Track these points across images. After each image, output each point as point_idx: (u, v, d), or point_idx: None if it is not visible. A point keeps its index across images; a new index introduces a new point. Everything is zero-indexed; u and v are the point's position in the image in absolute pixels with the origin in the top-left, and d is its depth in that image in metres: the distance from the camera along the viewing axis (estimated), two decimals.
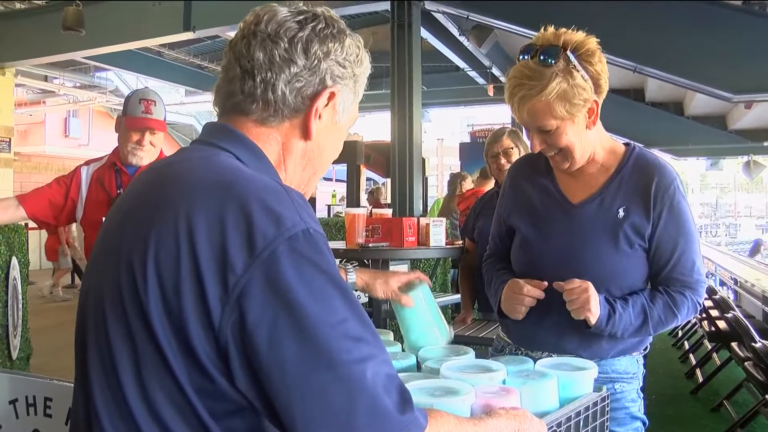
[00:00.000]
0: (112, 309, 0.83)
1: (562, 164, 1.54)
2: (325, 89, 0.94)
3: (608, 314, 1.45)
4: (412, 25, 6.25)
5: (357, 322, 0.79)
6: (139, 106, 2.47)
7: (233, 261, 0.76)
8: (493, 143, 3.00)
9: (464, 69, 9.95)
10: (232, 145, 0.92)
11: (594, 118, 1.49)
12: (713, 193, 52.12)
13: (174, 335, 0.78)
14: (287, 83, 0.92)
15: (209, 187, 0.82)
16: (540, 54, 1.42)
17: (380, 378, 0.77)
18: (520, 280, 1.52)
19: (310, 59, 0.92)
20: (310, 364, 0.75)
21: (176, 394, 0.78)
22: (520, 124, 1.54)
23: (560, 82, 1.40)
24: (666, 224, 1.49)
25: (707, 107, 11.00)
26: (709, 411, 4.62)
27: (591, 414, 1.22)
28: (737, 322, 4.63)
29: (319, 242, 0.80)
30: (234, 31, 1.10)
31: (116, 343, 0.82)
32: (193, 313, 0.77)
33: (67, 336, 4.81)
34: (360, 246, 2.91)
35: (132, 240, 0.83)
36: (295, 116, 0.94)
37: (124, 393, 0.80)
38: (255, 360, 0.75)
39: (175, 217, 0.80)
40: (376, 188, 10.66)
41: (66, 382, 1.76)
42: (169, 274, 0.78)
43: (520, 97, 1.43)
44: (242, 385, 0.78)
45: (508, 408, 1.01)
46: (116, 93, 13.98)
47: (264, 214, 0.78)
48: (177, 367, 0.78)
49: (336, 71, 0.95)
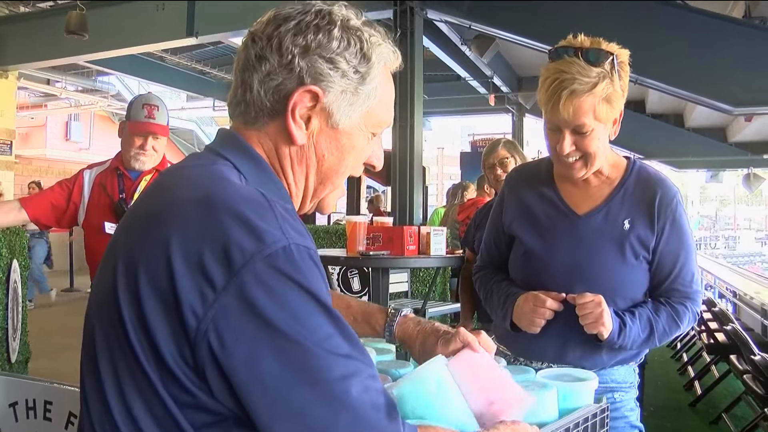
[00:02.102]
0: (98, 315, 0.83)
1: (579, 171, 1.51)
2: (300, 87, 0.86)
3: (619, 327, 1.45)
4: (414, 33, 6.27)
5: (341, 338, 0.77)
6: (143, 110, 2.48)
7: (210, 277, 0.74)
8: (489, 154, 3.03)
9: (465, 78, 9.97)
10: (232, 153, 0.89)
11: (616, 128, 1.50)
12: (713, 205, 52.18)
13: (149, 347, 0.76)
14: (261, 82, 0.87)
15: (191, 200, 0.80)
16: (589, 52, 1.41)
17: (367, 393, 0.76)
18: (540, 294, 1.49)
19: (284, 56, 0.86)
20: (290, 384, 0.73)
21: (155, 404, 0.77)
22: (552, 121, 1.47)
23: (608, 84, 1.41)
24: (669, 237, 1.52)
25: (707, 119, 11.03)
26: (707, 424, 4.61)
27: (590, 425, 1.21)
28: (736, 335, 4.63)
29: (300, 259, 0.76)
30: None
31: (100, 350, 0.81)
32: (167, 327, 0.75)
33: (65, 339, 4.80)
34: (361, 254, 2.92)
35: (124, 247, 0.82)
36: (276, 118, 0.88)
37: (107, 400, 0.79)
38: (234, 378, 0.74)
39: (157, 228, 0.79)
40: (376, 196, 10.68)
41: (66, 386, 1.76)
42: (145, 284, 0.76)
43: (571, 90, 1.40)
44: (222, 398, 0.76)
45: (508, 422, 0.99)
46: (118, 97, 14.01)
47: (241, 230, 0.75)
48: (154, 377, 0.76)
49: (318, 68, 0.86)
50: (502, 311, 1.59)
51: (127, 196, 2.50)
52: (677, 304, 1.53)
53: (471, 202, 6.01)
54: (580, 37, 1.46)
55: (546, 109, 1.47)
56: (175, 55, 10.38)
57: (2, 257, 3.37)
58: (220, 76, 11.70)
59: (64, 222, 2.56)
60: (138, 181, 2.53)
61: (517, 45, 7.38)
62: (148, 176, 2.54)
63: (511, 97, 11.09)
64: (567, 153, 1.47)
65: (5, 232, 3.42)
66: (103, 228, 2.47)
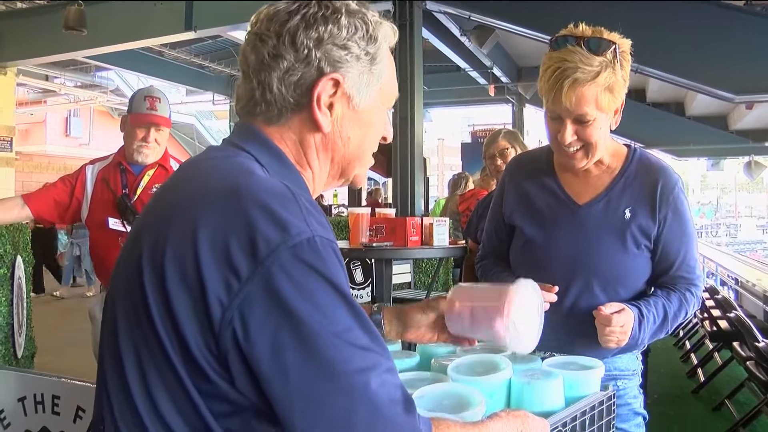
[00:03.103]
0: (122, 307, 0.84)
1: (580, 162, 1.51)
2: (323, 77, 0.88)
3: (639, 320, 1.45)
4: (413, 25, 6.25)
5: (361, 330, 0.78)
6: (144, 103, 2.49)
7: (236, 267, 0.75)
8: (490, 144, 3.03)
9: (465, 69, 9.95)
10: (254, 147, 0.91)
11: (617, 118, 1.50)
12: (714, 193, 52.12)
13: (175, 336, 0.78)
14: (281, 80, 0.88)
15: (216, 192, 0.81)
16: (590, 41, 1.40)
17: (385, 387, 0.77)
18: None
19: (300, 50, 0.87)
20: (311, 375, 0.74)
21: (178, 393, 0.78)
22: (554, 111, 1.46)
23: (610, 73, 1.41)
24: (671, 225, 1.52)
25: (708, 108, 11.00)
26: (710, 410, 4.63)
27: (597, 413, 1.22)
28: (739, 322, 4.63)
29: (325, 250, 0.78)
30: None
31: (123, 341, 0.82)
32: (193, 316, 0.76)
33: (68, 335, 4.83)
34: (364, 245, 2.92)
35: (147, 238, 0.83)
36: (300, 111, 0.90)
37: (130, 391, 0.81)
38: (256, 368, 0.75)
39: (184, 220, 0.80)
40: (376, 189, 10.69)
41: (73, 380, 1.77)
42: (172, 275, 0.78)
43: (574, 79, 1.39)
44: (243, 388, 0.78)
45: (509, 410, 1.01)
46: (117, 92, 14.01)
47: (268, 221, 0.77)
48: (179, 366, 0.78)
49: (335, 55, 0.89)
50: None
51: (130, 191, 2.50)
52: (685, 290, 1.53)
53: (471, 193, 6.02)
54: (581, 27, 1.44)
55: (547, 99, 1.46)
56: (173, 49, 10.36)
57: (6, 253, 3.38)
58: (219, 69, 11.69)
59: (66, 218, 2.56)
60: (141, 175, 2.53)
61: (516, 35, 7.36)
62: (151, 171, 2.54)
63: (511, 88, 11.07)
64: (568, 143, 1.46)
65: (8, 229, 3.43)
66: (107, 223, 2.47)
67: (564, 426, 1.12)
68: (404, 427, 0.78)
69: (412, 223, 3.02)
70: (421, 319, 1.23)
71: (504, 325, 1.13)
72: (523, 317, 1.16)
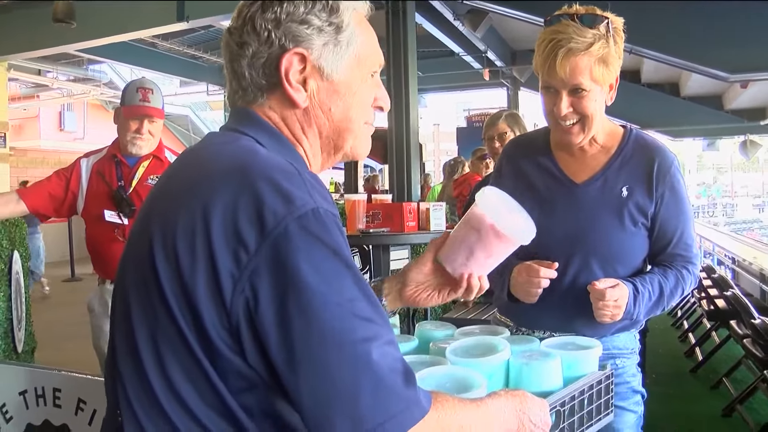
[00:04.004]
0: (134, 287, 0.86)
1: (577, 136, 1.52)
2: (285, 53, 0.91)
3: (633, 295, 1.47)
4: (406, 10, 6.20)
5: (365, 302, 0.80)
6: (137, 94, 2.48)
7: (245, 240, 0.78)
8: (490, 126, 3.03)
9: (459, 54, 9.91)
10: (251, 130, 0.93)
11: (612, 94, 1.52)
12: (710, 173, 52.20)
13: (188, 312, 0.80)
14: (250, 66, 0.93)
15: (225, 171, 0.84)
16: (583, 17, 1.44)
17: (385, 358, 0.78)
18: (533, 264, 1.50)
19: (261, 33, 0.91)
20: (316, 343, 0.76)
21: (192, 369, 0.80)
22: (549, 84, 1.49)
23: (603, 45, 1.43)
24: (668, 204, 1.53)
25: (703, 87, 10.97)
26: (709, 388, 4.67)
27: (595, 392, 1.23)
28: (736, 300, 4.66)
29: (329, 222, 0.81)
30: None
31: (137, 326, 0.84)
32: (206, 291, 0.79)
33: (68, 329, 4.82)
34: (361, 232, 2.92)
35: (156, 222, 0.85)
36: (274, 90, 0.94)
37: (146, 373, 0.83)
38: (264, 337, 0.77)
39: (194, 200, 0.82)
40: (373, 176, 10.67)
41: (74, 373, 1.78)
42: (185, 253, 0.80)
43: (567, 49, 1.42)
44: (253, 362, 0.80)
45: (507, 389, 1.02)
46: (110, 85, 13.92)
47: (274, 194, 0.79)
48: (194, 344, 0.80)
49: (295, 31, 0.91)
50: (501, 282, 1.60)
51: (125, 184, 2.50)
52: (682, 268, 1.55)
53: (463, 178, 6.01)
54: (575, 6, 1.47)
55: (542, 72, 1.49)
56: (166, 40, 10.30)
57: (3, 249, 3.37)
58: (213, 60, 11.63)
59: (63, 211, 2.56)
60: (136, 167, 2.53)
61: (510, 18, 7.34)
62: (146, 162, 2.54)
63: (506, 71, 11.02)
64: (564, 114, 1.48)
65: (5, 224, 3.42)
66: (103, 216, 2.47)
67: (563, 405, 1.13)
68: (406, 397, 0.79)
69: (408, 209, 3.03)
70: (418, 271, 1.25)
71: (489, 221, 1.12)
72: (502, 204, 1.19)
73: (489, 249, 1.16)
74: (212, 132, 1.01)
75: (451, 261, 1.20)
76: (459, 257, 1.18)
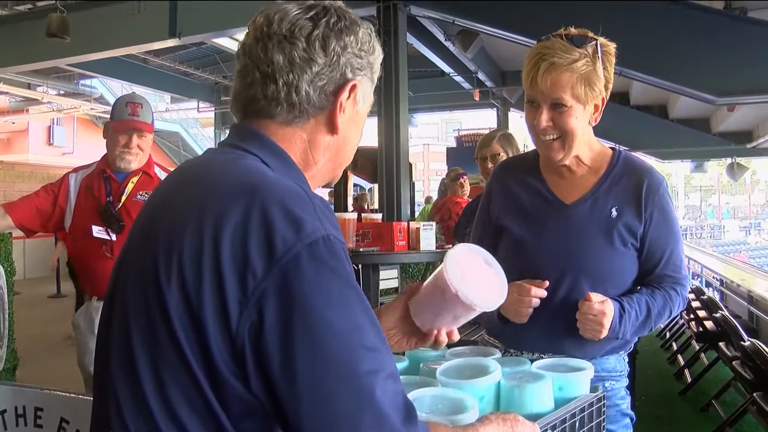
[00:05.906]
0: (134, 308, 0.84)
1: (558, 153, 1.52)
2: (347, 83, 0.95)
3: (620, 314, 1.46)
4: (398, 30, 6.25)
5: (372, 331, 0.80)
6: (126, 109, 2.47)
7: (254, 265, 0.77)
8: (483, 147, 3.04)
9: (450, 74, 9.98)
10: (258, 149, 0.92)
11: (597, 116, 1.53)
12: (698, 195, 52.67)
13: (193, 336, 0.78)
14: (310, 83, 0.92)
15: (234, 190, 0.83)
16: (574, 37, 1.46)
17: (388, 393, 0.78)
18: (524, 283, 1.49)
19: (330, 56, 0.92)
20: (321, 371, 0.75)
21: (193, 394, 0.79)
22: (531, 97, 1.50)
23: (587, 63, 1.45)
24: (657, 225, 1.54)
25: (691, 110, 11.11)
26: (698, 411, 4.66)
27: (587, 415, 1.22)
28: (725, 322, 4.67)
29: (339, 249, 0.81)
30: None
31: (136, 341, 0.82)
32: (213, 314, 0.77)
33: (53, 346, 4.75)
34: (351, 251, 2.91)
35: (161, 243, 0.83)
36: (320, 113, 0.95)
37: (145, 396, 0.81)
38: (268, 361, 0.76)
39: (200, 219, 0.81)
40: (361, 195, 10.65)
41: (56, 391, 1.73)
42: (191, 275, 0.79)
43: (550, 62, 1.44)
44: (255, 388, 0.78)
45: (498, 413, 1.01)
46: (101, 101, 13.88)
47: (285, 219, 0.79)
48: (196, 366, 0.78)
49: (354, 63, 0.95)
50: None
51: (114, 199, 2.47)
52: (670, 289, 1.55)
53: (442, 203, 5.98)
54: (570, 30, 1.49)
55: (526, 85, 1.51)
56: (158, 56, 10.29)
57: None
58: (204, 77, 11.63)
59: (50, 226, 2.52)
60: (125, 183, 2.51)
61: (500, 40, 7.39)
62: (135, 178, 2.52)
63: (496, 92, 11.10)
64: (543, 127, 1.49)
65: None
66: (91, 231, 2.44)
67: (554, 428, 1.12)
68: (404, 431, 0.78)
69: (398, 228, 3.02)
70: (386, 319, 1.21)
71: (453, 291, 1.09)
72: (470, 264, 1.15)
73: (455, 311, 1.14)
74: (212, 148, 1.00)
75: (420, 316, 1.19)
76: (426, 314, 1.18)
